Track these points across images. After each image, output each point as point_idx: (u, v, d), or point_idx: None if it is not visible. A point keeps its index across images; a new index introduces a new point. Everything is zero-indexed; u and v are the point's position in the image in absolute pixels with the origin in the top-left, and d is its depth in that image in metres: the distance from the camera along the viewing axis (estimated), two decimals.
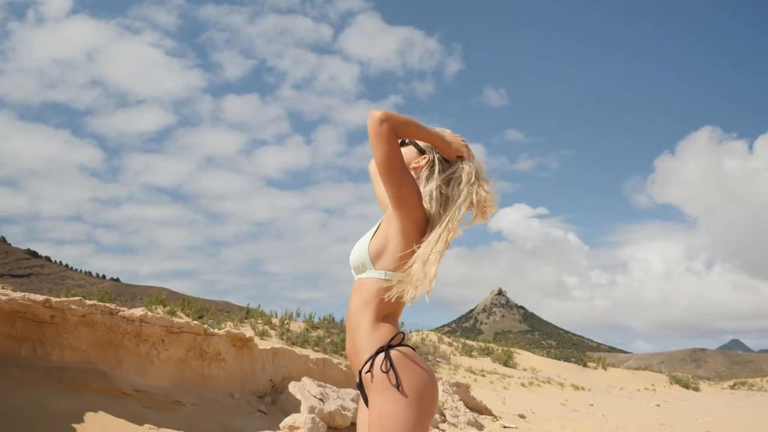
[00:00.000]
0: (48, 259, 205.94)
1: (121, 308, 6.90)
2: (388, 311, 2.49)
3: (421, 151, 2.60)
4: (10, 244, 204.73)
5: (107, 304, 6.78)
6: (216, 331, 7.88)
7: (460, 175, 2.49)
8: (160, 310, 22.37)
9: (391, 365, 2.33)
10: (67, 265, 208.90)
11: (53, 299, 6.36)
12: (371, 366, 2.37)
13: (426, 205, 2.47)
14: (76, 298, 6.61)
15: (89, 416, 6.06)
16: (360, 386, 2.49)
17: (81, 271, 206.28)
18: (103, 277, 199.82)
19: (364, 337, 2.46)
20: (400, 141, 2.56)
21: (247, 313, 26.34)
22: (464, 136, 2.58)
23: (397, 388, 2.29)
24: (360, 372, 2.44)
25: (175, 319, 7.41)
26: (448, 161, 2.55)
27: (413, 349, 2.46)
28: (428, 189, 2.50)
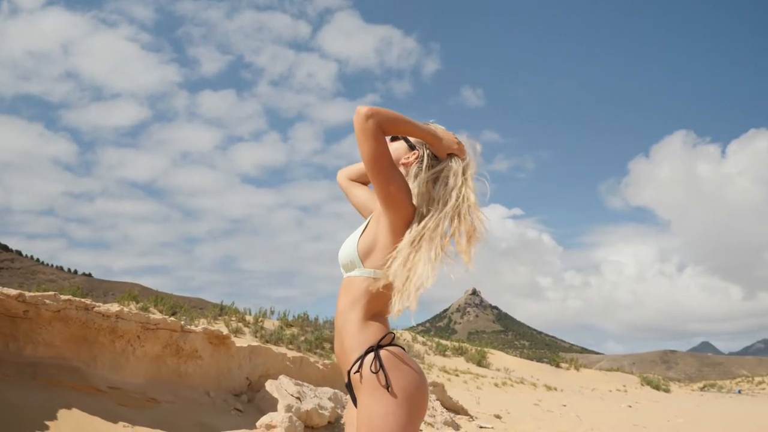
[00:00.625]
0: (19, 253, 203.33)
1: (97, 304, 6.78)
2: (377, 310, 2.45)
3: (412, 147, 2.55)
4: None
5: (82, 300, 6.66)
6: (193, 328, 7.78)
7: (447, 175, 2.43)
8: (132, 306, 22.11)
9: (381, 365, 2.29)
10: (38, 260, 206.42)
11: (27, 294, 6.23)
12: (360, 366, 2.33)
13: (415, 202, 2.42)
14: (50, 292, 6.48)
15: (63, 413, 5.94)
16: (349, 386, 2.45)
17: (52, 265, 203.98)
18: (75, 272, 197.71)
19: (353, 336, 2.42)
20: (391, 136, 2.53)
21: (221, 310, 26.17)
22: None
23: (387, 389, 2.26)
24: (349, 372, 2.40)
25: (152, 316, 7.30)
26: (439, 158, 2.50)
27: (403, 349, 2.42)
28: (415, 186, 2.45)
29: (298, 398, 8.02)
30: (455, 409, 12.82)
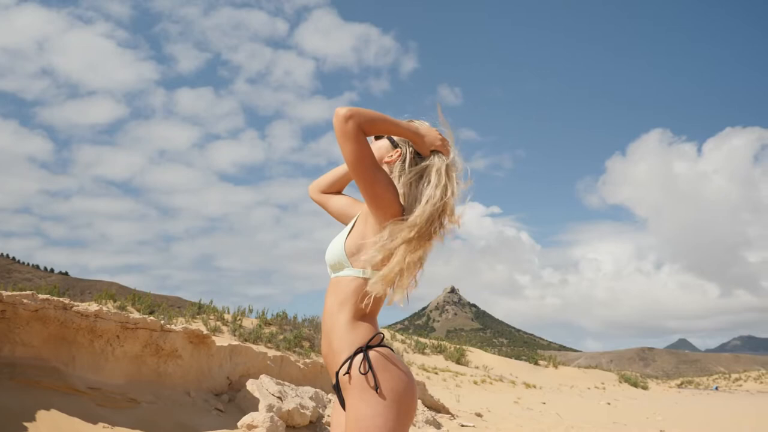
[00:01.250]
0: None
1: (75, 303, 6.67)
2: (366, 310, 2.43)
3: (395, 145, 2.53)
4: None
5: (61, 299, 6.56)
6: (173, 327, 7.69)
7: (431, 172, 2.40)
8: (110, 305, 21.96)
9: (370, 367, 2.27)
10: (14, 258, 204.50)
11: (4, 293, 6.13)
12: (349, 367, 2.30)
13: (401, 200, 2.40)
14: (28, 292, 6.38)
15: (41, 414, 5.85)
16: (336, 388, 2.42)
17: (28, 264, 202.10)
18: (51, 270, 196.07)
19: (341, 337, 2.40)
20: (375, 135, 2.51)
21: (199, 309, 26.09)
22: None
23: (376, 390, 2.24)
24: (337, 373, 2.38)
25: (131, 315, 7.21)
26: (422, 156, 2.47)
27: (391, 349, 2.40)
28: (400, 186, 2.42)
29: (279, 398, 7.97)
30: (436, 407, 12.82)
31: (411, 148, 2.49)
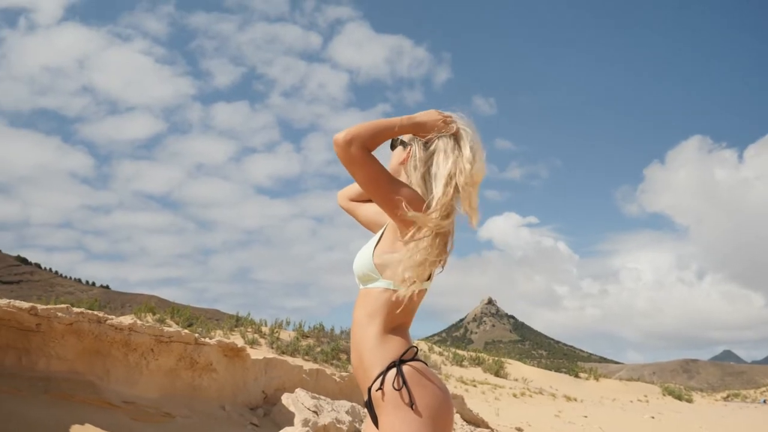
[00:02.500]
0: (38, 266, 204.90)
1: (110, 316, 6.66)
2: (397, 322, 2.31)
3: (405, 145, 2.42)
4: (0, 251, 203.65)
5: (95, 312, 6.54)
6: (207, 340, 7.64)
7: (438, 157, 2.29)
8: (149, 318, 22.18)
9: (404, 382, 2.16)
10: (56, 272, 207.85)
11: (39, 306, 6.12)
12: (382, 383, 2.19)
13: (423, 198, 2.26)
14: (62, 305, 6.38)
15: (75, 429, 5.82)
16: (369, 405, 2.31)
17: (71, 278, 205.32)
18: (93, 284, 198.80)
19: (372, 351, 2.28)
20: (390, 144, 2.44)
21: (237, 322, 26.19)
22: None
23: (411, 407, 2.13)
24: (369, 389, 2.26)
25: (165, 328, 7.17)
26: (428, 143, 2.34)
27: (425, 363, 2.28)
28: (415, 180, 2.31)
29: (315, 412, 7.85)
30: (475, 421, 12.61)
31: (419, 142, 2.35)
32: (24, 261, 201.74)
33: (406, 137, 2.41)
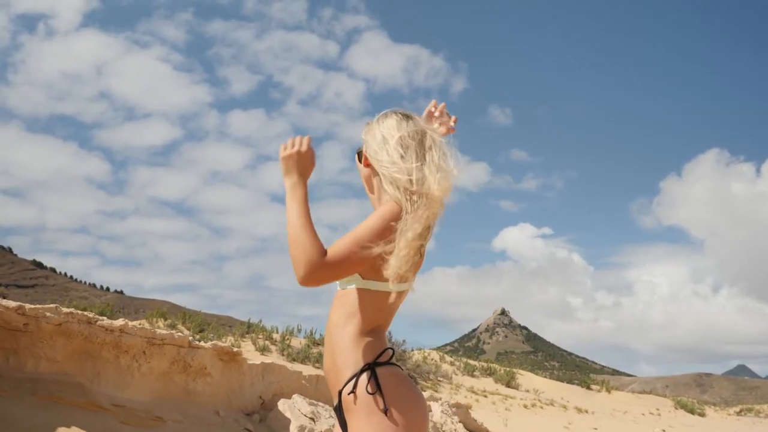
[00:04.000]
0: (53, 270, 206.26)
1: (100, 317, 6.50)
2: (375, 324, 2.17)
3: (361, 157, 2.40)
4: (16, 255, 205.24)
5: (85, 313, 6.38)
6: (202, 343, 7.47)
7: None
8: (161, 323, 22.19)
9: (378, 386, 2.02)
10: (71, 277, 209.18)
11: (27, 306, 5.97)
12: (354, 386, 2.05)
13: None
14: (51, 305, 6.22)
15: (61, 431, 5.68)
16: (338, 409, 2.15)
17: (85, 282, 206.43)
18: (107, 289, 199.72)
19: (346, 352, 2.13)
20: (357, 156, 2.41)
21: (248, 328, 26.22)
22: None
23: (385, 413, 1.99)
24: (340, 393, 2.11)
25: (158, 330, 7.01)
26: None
27: (400, 368, 2.14)
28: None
29: (311, 419, 7.68)
30: (479, 431, 12.40)
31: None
32: (39, 265, 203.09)
33: (366, 152, 2.36)
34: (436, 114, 2.64)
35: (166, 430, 6.64)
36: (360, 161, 2.42)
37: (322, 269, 1.99)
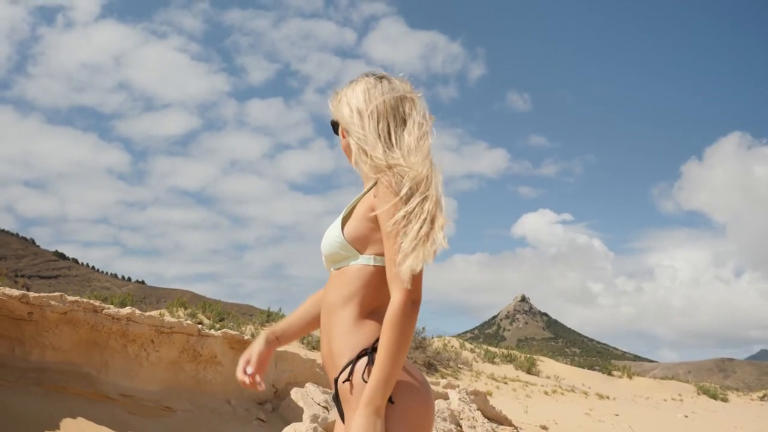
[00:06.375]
0: (75, 261, 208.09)
1: (107, 306, 6.35)
2: (376, 304, 1.94)
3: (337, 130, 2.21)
4: (38, 246, 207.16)
5: (91, 301, 6.25)
6: (212, 332, 7.30)
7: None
8: (181, 313, 22.18)
9: None
10: (93, 267, 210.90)
11: (31, 294, 5.84)
12: (351, 373, 1.85)
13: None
14: (56, 293, 6.09)
15: (66, 422, 5.54)
16: (336, 398, 1.95)
17: (107, 273, 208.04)
18: (129, 279, 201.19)
19: (343, 336, 1.92)
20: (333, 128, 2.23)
21: (268, 317, 26.21)
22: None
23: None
24: (336, 381, 1.90)
25: (167, 319, 6.85)
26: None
27: None
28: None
29: (325, 407, 7.50)
30: (498, 419, 12.20)
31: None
32: (62, 256, 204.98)
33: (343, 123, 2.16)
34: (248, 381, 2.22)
35: (175, 419, 6.50)
36: (337, 133, 2.23)
37: (414, 300, 1.84)
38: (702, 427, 18.94)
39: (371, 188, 1.99)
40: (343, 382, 1.87)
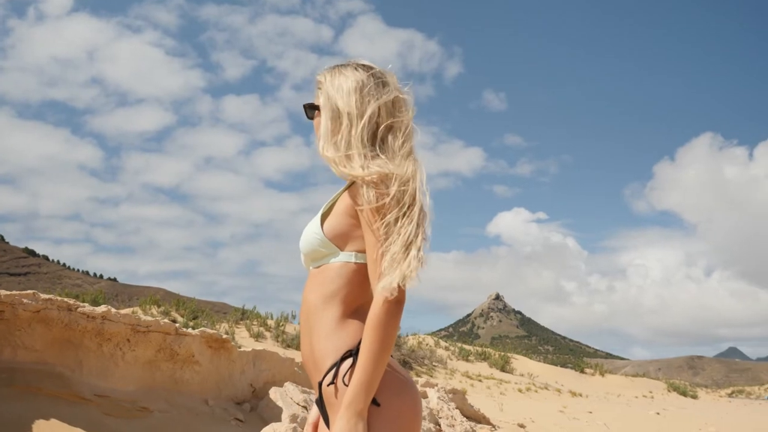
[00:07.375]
0: (46, 257, 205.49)
1: (81, 304, 6.18)
2: (359, 303, 1.86)
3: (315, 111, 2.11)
4: (8, 243, 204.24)
5: (65, 299, 6.08)
6: (189, 330, 7.16)
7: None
8: (154, 310, 21.93)
9: None
10: (64, 264, 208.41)
11: (2, 292, 5.66)
12: (335, 376, 1.77)
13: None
14: (29, 291, 5.92)
15: (39, 424, 5.38)
16: (319, 402, 1.87)
17: (79, 270, 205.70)
18: (101, 276, 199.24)
19: (326, 338, 1.83)
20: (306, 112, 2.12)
21: (243, 315, 26.06)
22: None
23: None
24: (320, 385, 1.82)
25: (143, 317, 6.69)
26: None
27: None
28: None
29: (304, 407, 7.42)
30: (476, 417, 12.19)
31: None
32: (32, 253, 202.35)
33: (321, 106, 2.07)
34: None
35: (152, 420, 6.36)
36: (310, 117, 2.13)
37: (398, 300, 1.75)
38: (674, 424, 19.09)
39: (351, 185, 1.91)
40: (327, 385, 1.79)
